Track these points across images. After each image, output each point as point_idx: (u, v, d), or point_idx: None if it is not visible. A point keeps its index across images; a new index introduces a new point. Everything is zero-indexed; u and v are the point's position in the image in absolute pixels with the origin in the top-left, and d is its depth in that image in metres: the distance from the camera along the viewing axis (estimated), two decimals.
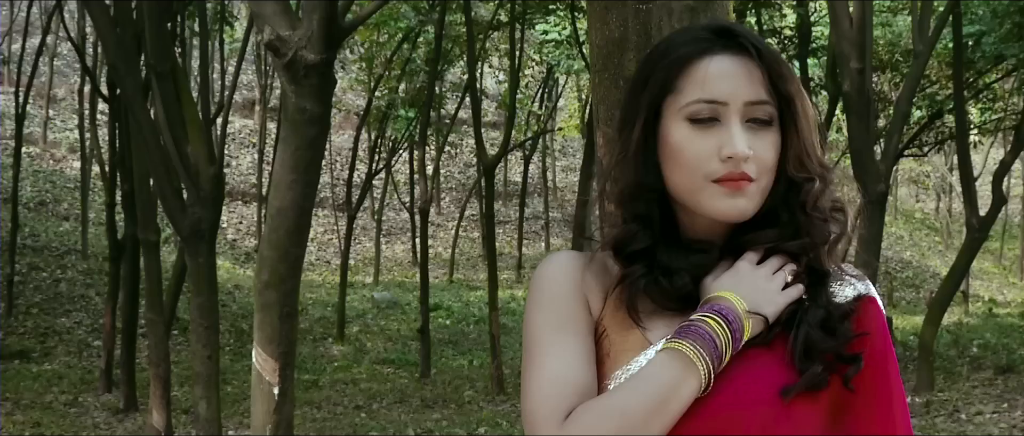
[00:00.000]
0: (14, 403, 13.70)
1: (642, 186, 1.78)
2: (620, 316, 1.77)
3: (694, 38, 1.78)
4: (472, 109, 17.83)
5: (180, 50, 15.06)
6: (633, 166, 1.79)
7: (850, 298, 1.79)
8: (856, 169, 10.87)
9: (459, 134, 34.42)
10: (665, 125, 1.77)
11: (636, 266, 1.77)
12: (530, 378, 1.75)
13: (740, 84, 1.73)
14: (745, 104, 1.73)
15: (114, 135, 15.21)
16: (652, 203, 1.78)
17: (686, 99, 1.74)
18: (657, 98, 1.77)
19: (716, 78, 1.73)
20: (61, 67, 34.52)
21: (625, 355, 1.74)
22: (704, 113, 1.73)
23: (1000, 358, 17.14)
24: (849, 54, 10.15)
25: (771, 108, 1.75)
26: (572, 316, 1.78)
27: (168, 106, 8.50)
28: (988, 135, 23.27)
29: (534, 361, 1.76)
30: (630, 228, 1.79)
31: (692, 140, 1.73)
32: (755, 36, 1.78)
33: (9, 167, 22.63)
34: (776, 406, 1.69)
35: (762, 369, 1.70)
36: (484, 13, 22.01)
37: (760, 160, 1.73)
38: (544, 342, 1.77)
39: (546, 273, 1.83)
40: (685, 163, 1.74)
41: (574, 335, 1.77)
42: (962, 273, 15.76)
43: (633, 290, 1.76)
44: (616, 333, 1.77)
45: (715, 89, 1.72)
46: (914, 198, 45.67)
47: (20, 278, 20.51)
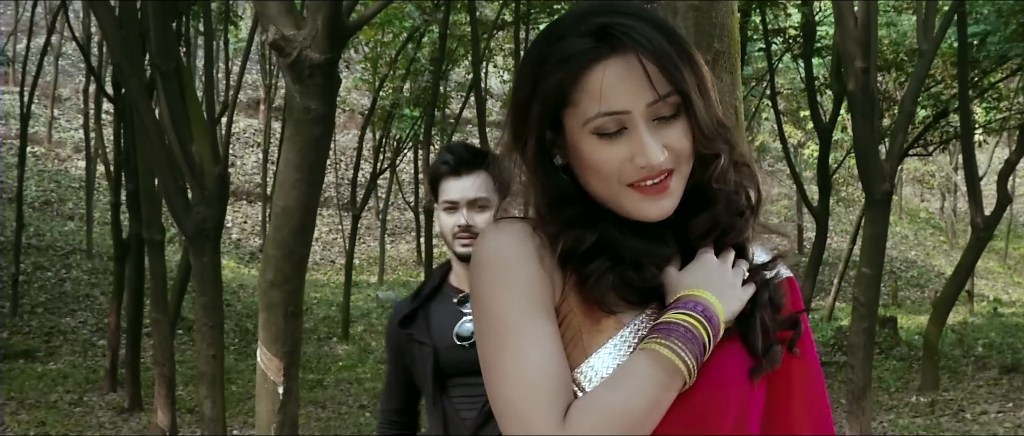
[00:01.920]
0: (19, 402, 13.72)
1: (562, 197, 1.74)
2: (584, 295, 1.71)
3: (577, 44, 1.70)
4: (476, 108, 17.84)
5: (185, 49, 15.06)
6: (540, 185, 1.74)
7: (767, 263, 1.83)
8: (861, 168, 10.85)
9: (463, 133, 34.37)
10: (572, 138, 1.71)
11: (597, 262, 1.72)
12: (507, 369, 1.65)
13: (637, 88, 1.67)
14: (647, 106, 1.67)
15: (119, 134, 15.23)
16: (578, 206, 1.74)
17: (586, 114, 1.68)
18: (552, 111, 1.71)
19: (612, 88, 1.66)
20: (66, 67, 34.55)
21: (599, 335, 1.70)
22: (610, 127, 1.67)
23: (1005, 357, 17.14)
24: (854, 53, 10.13)
25: (673, 97, 1.69)
26: (542, 297, 1.69)
27: (173, 105, 8.51)
28: (993, 134, 23.25)
29: (508, 349, 1.66)
30: (574, 233, 1.72)
31: (602, 151, 1.69)
32: (636, 27, 1.70)
33: (14, 166, 22.62)
34: (747, 386, 1.71)
35: (727, 352, 1.71)
36: (489, 13, 22.02)
37: (676, 152, 1.70)
38: (519, 327, 1.66)
39: (507, 247, 1.72)
40: (600, 174, 1.70)
41: (548, 319, 1.68)
42: (967, 272, 15.76)
43: (602, 286, 1.71)
44: (583, 313, 1.71)
45: (614, 101, 1.66)
46: (919, 197, 45.61)
47: (25, 277, 20.54)
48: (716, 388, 1.69)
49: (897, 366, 17.37)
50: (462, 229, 3.35)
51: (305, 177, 6.40)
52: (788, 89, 29.77)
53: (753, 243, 1.84)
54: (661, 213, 1.71)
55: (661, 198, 1.70)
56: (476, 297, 1.72)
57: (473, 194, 3.35)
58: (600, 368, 1.67)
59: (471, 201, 3.35)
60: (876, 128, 11.35)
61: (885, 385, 15.33)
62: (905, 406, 13.79)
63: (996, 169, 17.55)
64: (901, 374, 16.54)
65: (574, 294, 1.72)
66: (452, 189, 3.37)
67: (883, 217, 10.81)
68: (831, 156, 17.99)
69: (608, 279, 1.71)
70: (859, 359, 10.38)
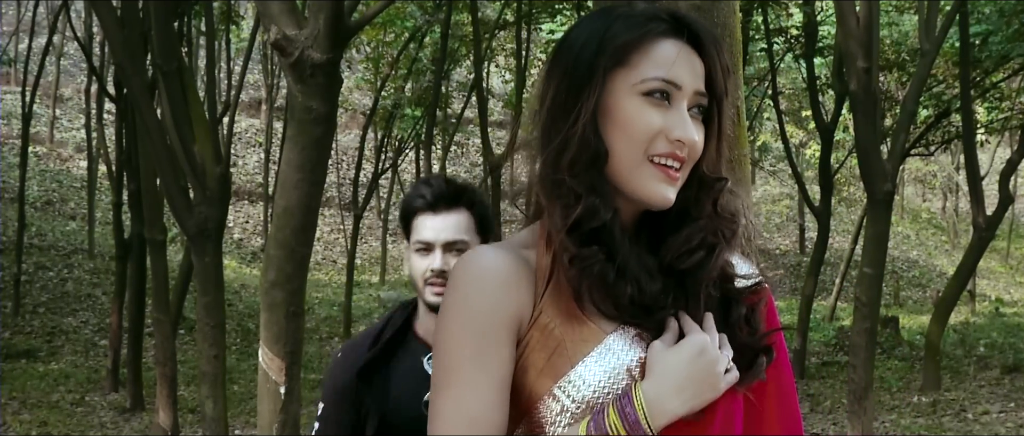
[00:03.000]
0: (21, 402, 13.72)
1: (597, 154, 1.73)
2: (566, 305, 1.72)
3: (651, 17, 1.77)
4: (478, 108, 17.85)
5: (186, 49, 15.07)
6: (587, 131, 1.73)
7: (749, 274, 1.85)
8: (863, 168, 10.85)
9: (465, 133, 34.40)
10: (613, 98, 1.74)
11: (594, 248, 1.71)
12: (443, 411, 1.69)
13: (695, 73, 1.75)
14: (694, 93, 1.74)
15: (121, 134, 15.22)
16: (603, 177, 1.74)
17: (643, 75, 1.72)
18: (610, 67, 1.74)
19: (676, 61, 1.73)
20: (68, 66, 34.56)
21: (584, 345, 1.70)
22: (660, 91, 1.72)
23: (1007, 357, 17.13)
24: (856, 53, 10.12)
25: (707, 103, 1.77)
26: (496, 339, 1.70)
27: (175, 105, 8.51)
28: (995, 134, 23.22)
29: (450, 390, 1.69)
30: (590, 202, 1.72)
31: (646, 113, 1.72)
32: (707, 29, 1.79)
33: (16, 166, 22.64)
34: (731, 392, 1.74)
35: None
36: (491, 13, 22.01)
37: (695, 150, 1.74)
38: (462, 369, 1.69)
39: (471, 277, 1.73)
40: (633, 135, 1.72)
41: (496, 364, 1.70)
42: (969, 272, 15.75)
43: (587, 276, 1.70)
44: (566, 323, 1.71)
45: (675, 72, 1.72)
46: (921, 197, 45.60)
47: (27, 277, 20.56)
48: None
49: (899, 366, 17.36)
50: (435, 274, 2.89)
51: (307, 177, 6.40)
52: (790, 89, 29.76)
53: (734, 255, 1.85)
54: (666, 200, 1.73)
55: (671, 185, 1.73)
56: (436, 328, 1.75)
57: (450, 236, 2.92)
58: (589, 377, 1.69)
59: (448, 243, 2.91)
60: (878, 128, 11.34)
61: (887, 385, 15.33)
62: (907, 406, 13.78)
63: (998, 169, 17.55)
64: (903, 374, 16.53)
65: (555, 305, 1.73)
66: (426, 228, 2.92)
67: (885, 217, 10.80)
68: (833, 156, 17.98)
69: (593, 271, 1.70)
70: (861, 359, 10.37)
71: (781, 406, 1.88)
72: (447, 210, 2.93)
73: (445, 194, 2.94)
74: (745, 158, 2.67)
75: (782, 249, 34.66)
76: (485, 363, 1.69)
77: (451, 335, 1.72)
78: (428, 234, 2.91)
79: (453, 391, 1.69)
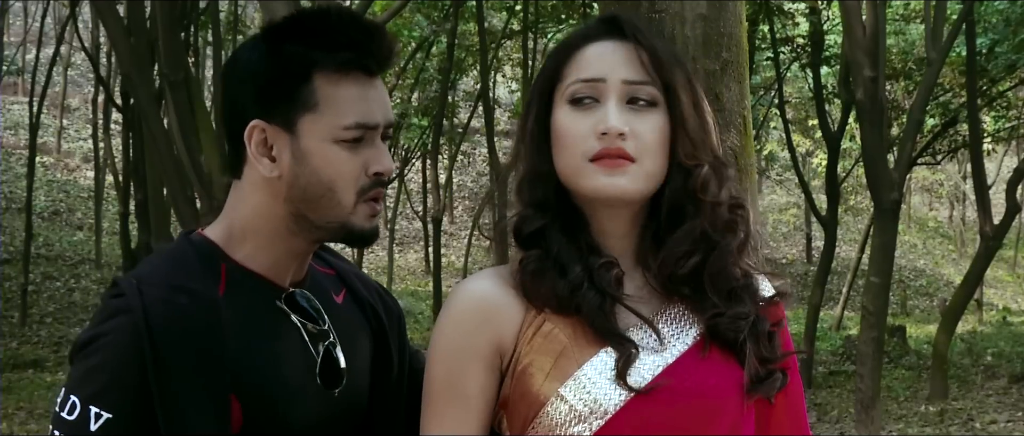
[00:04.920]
0: (28, 412, 13.72)
1: (537, 173, 1.82)
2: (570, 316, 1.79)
3: (582, 30, 1.86)
4: (485, 118, 17.86)
5: (193, 59, 15.11)
6: (528, 153, 1.84)
7: (767, 295, 1.88)
8: (869, 177, 10.84)
9: (472, 143, 34.43)
10: (554, 115, 1.81)
11: (533, 251, 1.82)
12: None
13: (618, 63, 1.78)
14: (623, 82, 1.77)
15: (128, 144, 15.27)
16: (549, 190, 1.82)
17: (568, 83, 1.79)
18: (546, 87, 1.82)
19: (594, 59, 1.79)
20: (75, 77, 34.60)
21: (590, 347, 1.75)
22: (582, 92, 1.78)
23: (1014, 366, 17.09)
24: (862, 62, 10.11)
25: (653, 89, 1.78)
26: (467, 377, 1.81)
27: (181, 115, 8.52)
28: (1002, 143, 23.24)
29: (429, 424, 1.84)
30: (525, 212, 1.83)
31: (573, 121, 1.78)
32: (641, 27, 1.84)
33: (23, 177, 22.69)
34: (741, 402, 1.78)
35: (723, 367, 1.78)
36: (497, 22, 22.04)
37: (640, 139, 1.76)
38: (436, 409, 1.83)
39: (449, 311, 1.85)
40: (566, 144, 1.78)
41: (465, 404, 1.81)
42: (976, 281, 15.72)
43: (525, 273, 1.80)
44: (571, 327, 1.77)
45: (592, 68, 1.78)
46: (927, 206, 45.52)
47: (34, 287, 20.57)
48: (710, 398, 1.76)
49: (906, 375, 17.32)
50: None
51: None
52: (796, 98, 29.73)
53: (747, 258, 1.87)
54: (617, 191, 1.76)
55: (617, 174, 1.76)
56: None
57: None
58: (596, 378, 1.73)
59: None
60: (884, 137, 11.34)
61: (894, 394, 15.30)
62: (914, 415, 13.75)
63: (1005, 178, 17.52)
64: (910, 383, 16.49)
65: (558, 314, 1.78)
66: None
67: (892, 226, 10.80)
68: (839, 165, 17.97)
69: (529, 269, 1.80)
70: (868, 368, 10.36)
71: (789, 415, 1.89)
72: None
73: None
74: (752, 167, 2.67)
75: (789, 258, 34.59)
76: (456, 405, 1.81)
77: (430, 369, 1.85)
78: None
79: (426, 423, 1.84)
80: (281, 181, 1.88)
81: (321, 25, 1.86)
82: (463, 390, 1.80)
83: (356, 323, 2.08)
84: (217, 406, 1.81)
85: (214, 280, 1.89)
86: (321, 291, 2.04)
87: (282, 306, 1.95)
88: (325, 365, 1.97)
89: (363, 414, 2.04)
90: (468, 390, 1.80)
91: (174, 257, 1.94)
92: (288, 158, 1.87)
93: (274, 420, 1.89)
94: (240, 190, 1.97)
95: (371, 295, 2.16)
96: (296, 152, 1.86)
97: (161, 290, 1.83)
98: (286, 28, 1.88)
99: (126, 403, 1.76)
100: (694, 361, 1.77)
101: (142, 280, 1.84)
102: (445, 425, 1.81)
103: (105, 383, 1.76)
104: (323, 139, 1.85)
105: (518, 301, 1.80)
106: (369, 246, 2.01)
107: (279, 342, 1.93)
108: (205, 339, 1.81)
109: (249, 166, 1.92)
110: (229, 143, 1.94)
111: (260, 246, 1.94)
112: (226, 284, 1.91)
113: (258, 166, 1.89)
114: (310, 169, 1.86)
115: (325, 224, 1.91)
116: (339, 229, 1.91)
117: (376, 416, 2.06)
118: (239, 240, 1.95)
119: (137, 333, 1.77)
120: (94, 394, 1.76)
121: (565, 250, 1.79)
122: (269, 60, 1.87)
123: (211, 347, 1.81)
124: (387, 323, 2.14)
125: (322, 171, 1.86)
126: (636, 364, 1.74)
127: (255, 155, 1.89)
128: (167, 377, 1.77)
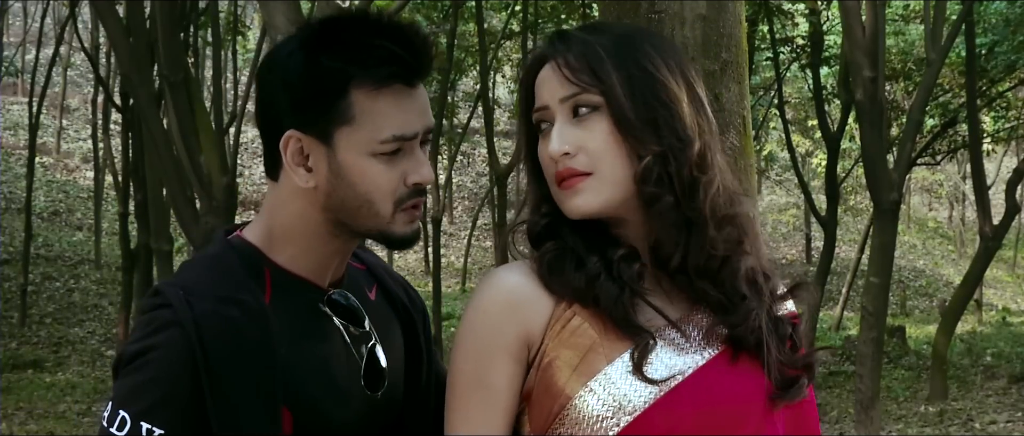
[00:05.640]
0: (28, 413, 13.72)
1: (540, 198, 1.89)
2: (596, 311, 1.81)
3: (533, 53, 1.94)
4: (484, 118, 17.85)
5: (193, 60, 15.11)
6: (528, 181, 1.92)
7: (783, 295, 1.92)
8: (869, 178, 10.84)
9: (472, 143, 34.43)
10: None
11: (549, 244, 1.85)
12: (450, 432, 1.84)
13: (554, 84, 1.81)
14: (560, 101, 1.80)
15: (127, 145, 15.27)
16: (555, 208, 1.85)
17: (533, 111, 1.86)
18: (525, 116, 1.89)
19: (540, 85, 1.84)
20: (74, 77, 34.61)
21: (620, 343, 1.77)
22: (541, 120, 1.84)
23: (1014, 367, 17.09)
24: (862, 63, 10.11)
25: (589, 96, 1.79)
26: (494, 370, 1.81)
27: (181, 116, 8.52)
28: (1001, 144, 23.23)
29: (455, 418, 1.83)
30: (530, 216, 1.90)
31: (541, 149, 1.84)
32: (572, 36, 1.86)
33: (23, 177, 22.69)
34: (766, 408, 1.78)
35: (747, 374, 1.78)
36: (496, 23, 22.03)
37: (588, 150, 1.78)
38: (463, 402, 1.83)
39: (479, 301, 1.84)
40: (543, 172, 1.85)
41: (492, 397, 1.81)
42: (975, 282, 15.72)
43: (542, 266, 1.83)
44: (600, 323, 1.78)
45: (540, 97, 1.83)
46: (927, 207, 45.52)
47: (33, 288, 20.57)
48: (735, 403, 1.76)
49: (906, 375, 17.33)
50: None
51: None
52: (796, 98, 29.74)
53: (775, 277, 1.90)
54: (576, 210, 1.80)
55: (577, 193, 1.79)
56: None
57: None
58: (626, 369, 1.75)
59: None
60: (884, 137, 11.35)
61: (894, 394, 15.30)
62: (914, 416, 13.76)
63: (1004, 178, 17.52)
64: (910, 383, 16.50)
65: (587, 309, 1.79)
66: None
67: (891, 226, 10.80)
68: (839, 165, 17.97)
69: (547, 259, 1.83)
70: (867, 368, 10.36)
71: (804, 415, 1.92)
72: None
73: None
74: (751, 168, 2.67)
75: (788, 258, 34.58)
76: (483, 398, 1.81)
77: (456, 361, 1.85)
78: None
79: (452, 419, 1.83)
80: (318, 191, 1.87)
81: (360, 37, 1.84)
82: (490, 383, 1.80)
83: (389, 319, 2.09)
84: (271, 418, 1.81)
85: (260, 287, 1.88)
86: (357, 288, 2.04)
87: (325, 309, 1.95)
88: (368, 368, 1.98)
89: (398, 411, 2.05)
90: (495, 383, 1.80)
91: (218, 264, 1.91)
92: (325, 170, 1.86)
93: (321, 426, 1.89)
94: (279, 194, 1.94)
95: (398, 289, 2.16)
96: (332, 165, 1.85)
97: (210, 302, 1.80)
98: (325, 37, 1.86)
99: (178, 418, 1.75)
100: (722, 366, 1.78)
101: (189, 290, 1.82)
102: (471, 418, 1.80)
103: (157, 398, 1.74)
104: (360, 153, 1.83)
105: (547, 294, 1.81)
106: (409, 249, 1.97)
107: (325, 347, 1.93)
108: (257, 351, 1.80)
109: (285, 172, 1.90)
110: (266, 145, 1.93)
111: (302, 249, 1.93)
112: (271, 290, 1.90)
113: (294, 176, 1.88)
114: (347, 182, 1.85)
115: (364, 231, 1.91)
116: (378, 235, 1.91)
117: (407, 412, 2.06)
118: (281, 243, 1.93)
119: (189, 347, 1.75)
120: (146, 410, 1.74)
121: (581, 243, 1.82)
122: (306, 71, 1.84)
123: (263, 359, 1.80)
124: (415, 318, 2.14)
125: (359, 184, 1.85)
126: (656, 359, 1.75)
127: (291, 165, 1.87)
128: (222, 392, 1.76)
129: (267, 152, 1.92)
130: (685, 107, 1.80)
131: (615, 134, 1.77)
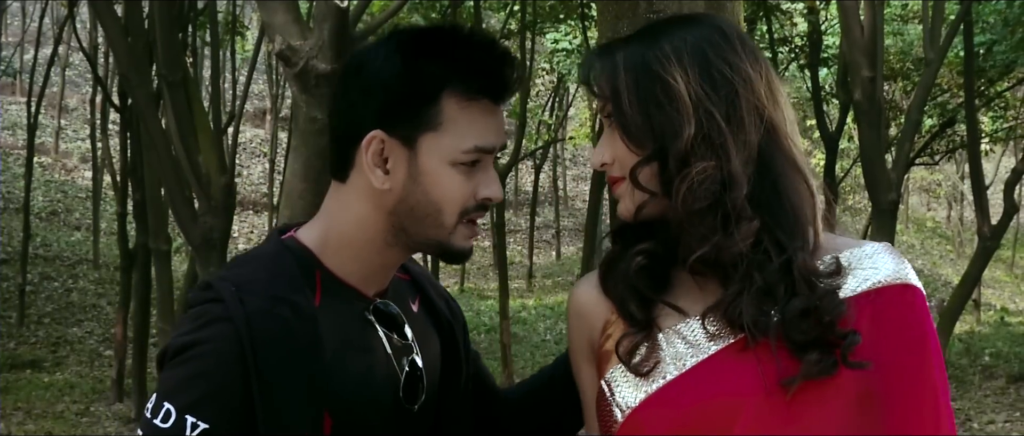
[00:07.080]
0: (26, 413, 13.72)
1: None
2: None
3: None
4: None
5: (191, 60, 15.08)
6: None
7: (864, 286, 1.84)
8: (867, 178, 10.83)
9: None
10: None
11: (616, 245, 1.95)
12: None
13: (599, 96, 1.89)
14: (599, 111, 1.89)
15: (125, 145, 15.22)
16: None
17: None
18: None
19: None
20: (73, 77, 34.57)
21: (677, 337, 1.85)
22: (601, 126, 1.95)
23: (1012, 367, 17.10)
24: (860, 63, 10.11)
25: (607, 105, 1.86)
26: (580, 374, 1.99)
27: (179, 116, 8.51)
28: (999, 144, 23.21)
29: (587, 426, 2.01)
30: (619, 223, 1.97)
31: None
32: (602, 52, 1.90)
33: (21, 177, 22.66)
34: (767, 396, 1.71)
35: (742, 365, 1.74)
36: (495, 22, 22.03)
37: (616, 157, 1.85)
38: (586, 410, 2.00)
39: (569, 310, 2.01)
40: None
41: (584, 399, 1.99)
42: (974, 282, 15.70)
43: (601, 269, 1.97)
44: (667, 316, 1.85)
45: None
46: (925, 207, 45.55)
47: (32, 288, 20.56)
48: (730, 396, 1.73)
49: None
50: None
51: (311, 187, 6.39)
52: (794, 98, 29.74)
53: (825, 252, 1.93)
54: (620, 214, 1.88)
55: (619, 197, 1.88)
56: None
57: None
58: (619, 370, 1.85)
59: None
60: (882, 137, 11.35)
61: None
62: None
63: (1003, 178, 17.51)
64: None
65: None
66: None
67: (890, 226, 10.79)
68: (837, 165, 17.97)
69: (604, 263, 1.94)
70: None
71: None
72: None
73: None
74: None
75: None
76: (580, 390, 2.00)
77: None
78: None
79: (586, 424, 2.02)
80: (390, 194, 1.90)
81: (459, 46, 1.88)
82: (580, 387, 1.99)
83: (429, 331, 2.11)
84: (315, 421, 1.83)
85: (311, 289, 1.90)
86: (401, 299, 2.06)
87: (370, 318, 1.97)
88: (408, 380, 1.99)
89: (431, 423, 2.06)
90: (582, 386, 1.98)
91: (272, 263, 1.93)
92: (403, 173, 1.89)
93: (358, 433, 1.91)
94: (343, 196, 1.98)
95: (440, 301, 2.18)
96: (412, 169, 1.88)
97: (263, 300, 1.82)
98: (424, 43, 1.89)
99: (223, 414, 1.75)
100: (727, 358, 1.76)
101: (241, 287, 1.83)
102: (588, 424, 1.97)
103: (204, 393, 1.75)
104: (441, 160, 1.87)
105: (605, 300, 1.91)
106: (462, 263, 2.00)
107: (368, 355, 1.95)
108: (306, 353, 1.81)
109: (358, 173, 1.93)
110: (336, 145, 1.96)
111: (354, 256, 1.95)
112: (321, 294, 1.91)
113: (370, 175, 1.90)
114: (422, 188, 1.88)
115: (423, 240, 1.93)
116: (436, 247, 1.94)
117: (443, 423, 2.08)
118: (334, 248, 1.95)
119: (239, 343, 1.76)
120: (192, 403, 1.74)
121: (621, 246, 1.92)
122: (403, 74, 1.87)
123: (312, 361, 1.82)
124: (456, 330, 2.15)
125: (433, 191, 1.88)
126: (660, 354, 1.79)
127: (369, 165, 1.89)
128: (269, 390, 1.77)
129: (338, 152, 1.97)
130: (684, 100, 1.78)
131: (624, 139, 1.82)
